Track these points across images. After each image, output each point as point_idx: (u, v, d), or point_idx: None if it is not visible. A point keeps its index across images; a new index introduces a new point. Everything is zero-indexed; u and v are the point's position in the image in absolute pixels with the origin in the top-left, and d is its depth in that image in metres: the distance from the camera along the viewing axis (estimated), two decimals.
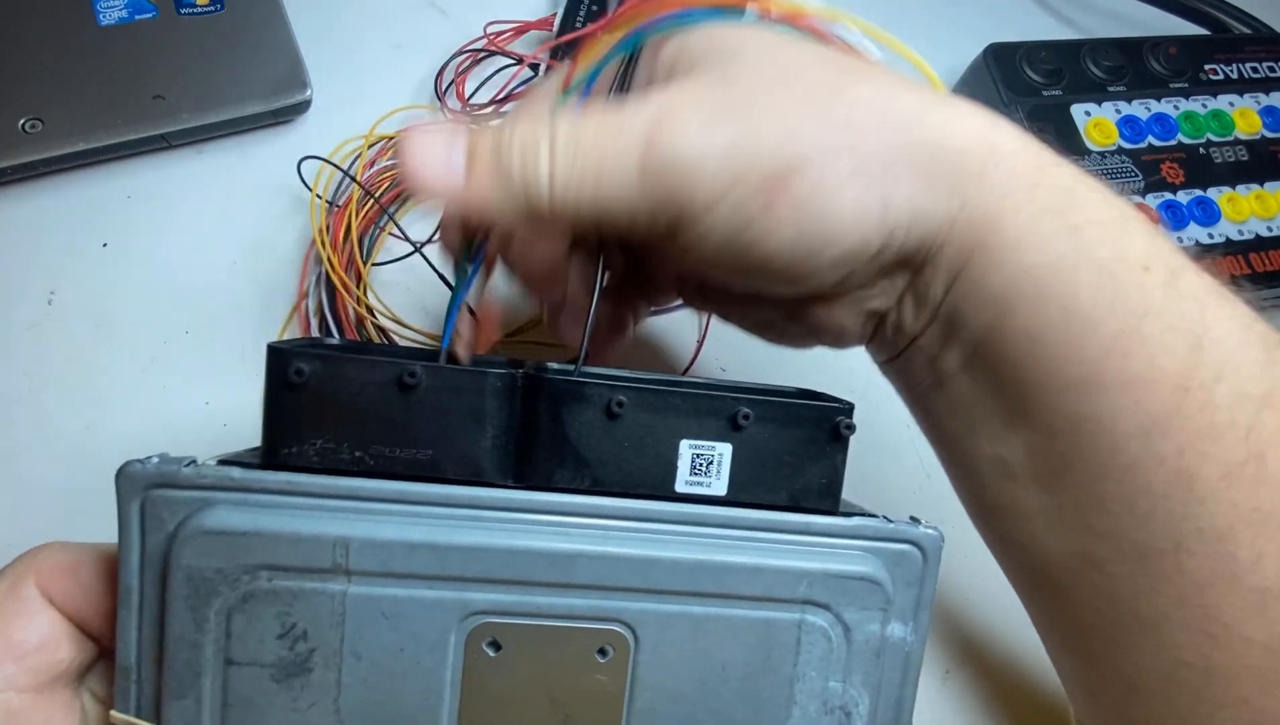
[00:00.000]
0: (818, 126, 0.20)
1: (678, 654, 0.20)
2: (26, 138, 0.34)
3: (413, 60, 0.40)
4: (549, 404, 0.20)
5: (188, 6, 0.37)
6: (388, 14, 0.42)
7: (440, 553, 0.19)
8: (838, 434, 0.21)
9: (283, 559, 0.18)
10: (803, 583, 0.20)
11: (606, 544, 0.19)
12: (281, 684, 0.19)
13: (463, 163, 0.20)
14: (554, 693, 0.19)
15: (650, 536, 0.20)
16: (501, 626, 0.19)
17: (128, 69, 0.36)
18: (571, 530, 0.19)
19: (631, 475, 0.20)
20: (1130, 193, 0.40)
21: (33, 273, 0.34)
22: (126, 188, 0.36)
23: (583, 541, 0.19)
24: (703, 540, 0.20)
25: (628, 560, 0.19)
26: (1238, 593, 0.20)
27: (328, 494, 0.19)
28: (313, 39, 0.39)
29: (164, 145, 0.36)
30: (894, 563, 0.21)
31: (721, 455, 0.20)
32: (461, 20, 0.41)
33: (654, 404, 0.20)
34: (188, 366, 0.34)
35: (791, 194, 0.20)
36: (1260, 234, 0.40)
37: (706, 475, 0.20)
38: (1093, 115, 0.41)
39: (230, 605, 0.18)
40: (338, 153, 0.36)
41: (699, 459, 0.20)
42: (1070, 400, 0.21)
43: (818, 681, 0.20)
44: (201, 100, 0.36)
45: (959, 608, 0.35)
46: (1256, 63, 0.45)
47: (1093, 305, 0.20)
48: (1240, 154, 0.42)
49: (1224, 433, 0.20)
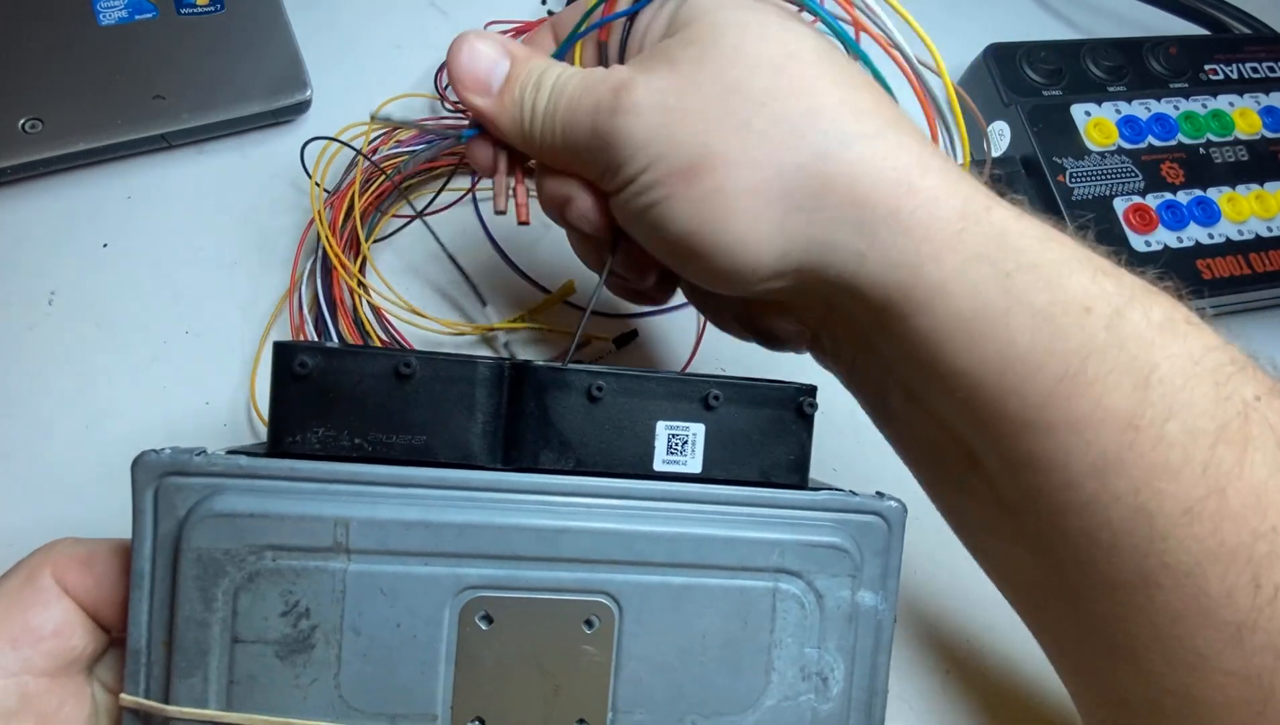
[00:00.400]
0: (733, 136, 0.21)
1: (660, 624, 0.20)
2: (26, 138, 0.34)
3: (412, 60, 0.40)
4: (534, 391, 0.21)
5: (188, 6, 0.37)
6: (387, 14, 0.42)
7: (434, 531, 0.20)
8: (802, 412, 0.22)
9: (287, 539, 0.19)
10: (775, 552, 0.21)
11: (590, 520, 0.20)
12: (285, 660, 0.19)
13: (499, 82, 0.24)
14: (544, 663, 0.20)
15: (631, 512, 0.21)
16: (493, 600, 0.20)
17: (128, 69, 0.36)
18: (558, 508, 0.20)
19: (612, 456, 0.21)
20: (1131, 193, 0.40)
21: (33, 273, 0.34)
22: (126, 188, 0.36)
23: (568, 518, 0.20)
24: (680, 515, 0.21)
25: (611, 534, 0.20)
26: (1212, 626, 0.20)
27: (329, 478, 0.20)
28: (313, 39, 0.39)
29: (164, 145, 0.36)
30: (860, 533, 0.22)
31: (695, 435, 0.22)
32: (461, 20, 0.41)
33: (632, 389, 0.21)
34: (188, 366, 0.34)
35: (694, 189, 0.21)
36: (1260, 234, 0.40)
37: (682, 454, 0.22)
38: (1093, 115, 0.41)
39: (237, 585, 0.19)
40: (343, 135, 0.36)
41: (674, 439, 0.22)
42: (1020, 440, 0.21)
43: (794, 648, 0.21)
44: (201, 100, 0.36)
45: (959, 607, 0.35)
46: (1256, 63, 0.45)
47: (1030, 350, 0.20)
48: (1240, 154, 0.42)
49: (1179, 469, 0.20)
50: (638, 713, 0.20)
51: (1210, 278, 0.39)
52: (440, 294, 0.37)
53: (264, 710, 0.19)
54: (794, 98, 0.21)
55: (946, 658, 0.34)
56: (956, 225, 0.21)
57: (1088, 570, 0.21)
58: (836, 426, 0.37)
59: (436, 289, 0.37)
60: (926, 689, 0.33)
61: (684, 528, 0.21)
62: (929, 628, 0.34)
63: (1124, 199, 0.39)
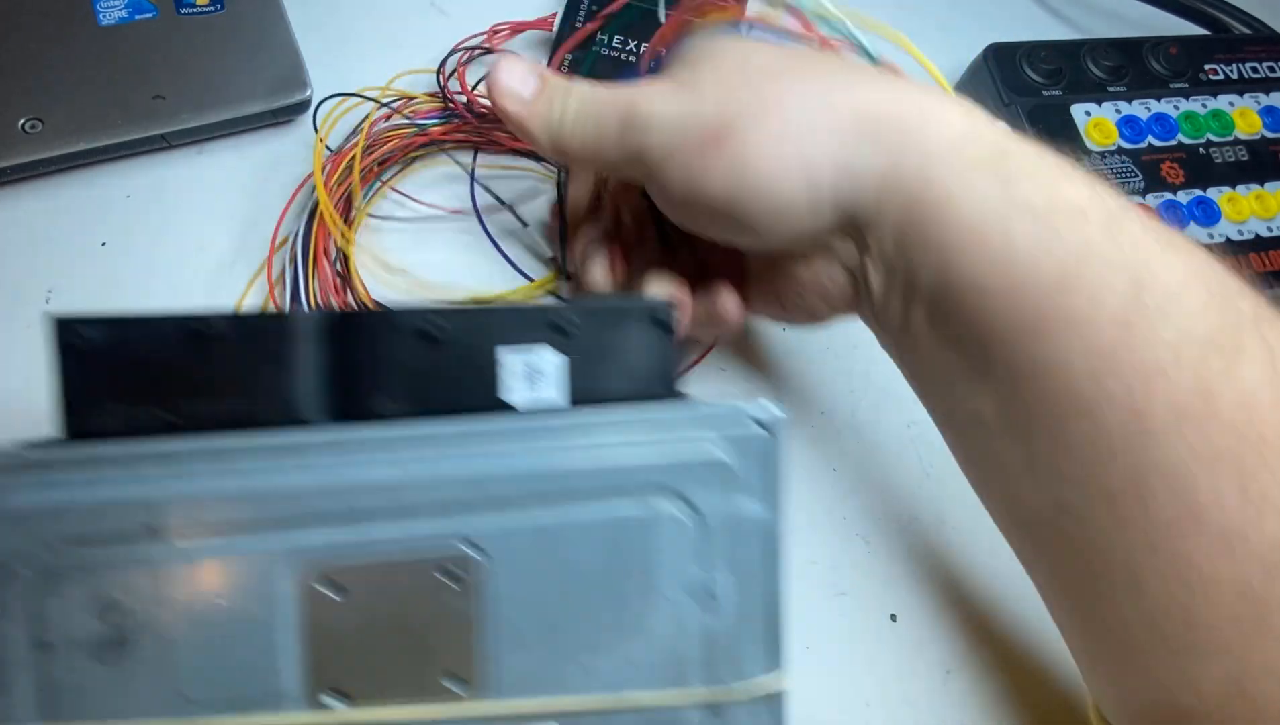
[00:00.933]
0: (751, 96, 0.24)
1: (530, 564, 0.19)
2: (26, 138, 0.34)
3: (413, 60, 0.40)
4: (367, 337, 0.19)
5: (188, 6, 0.37)
6: (388, 13, 0.42)
7: (259, 500, 0.18)
8: (659, 323, 0.21)
9: (89, 531, 0.17)
10: (646, 473, 0.20)
11: (440, 465, 0.19)
12: (105, 662, 0.18)
13: (530, 93, 0.27)
14: (407, 624, 0.19)
15: (485, 453, 0.19)
16: (340, 567, 0.18)
17: (128, 69, 0.36)
18: (401, 457, 0.19)
19: (460, 396, 0.20)
20: (1131, 193, 0.40)
21: (32, 272, 0.34)
22: (126, 188, 0.36)
23: (414, 466, 0.19)
24: (542, 447, 0.19)
25: (463, 478, 0.19)
26: (1204, 534, 0.20)
27: (134, 458, 0.18)
28: (313, 39, 0.39)
29: (164, 145, 0.36)
30: (738, 443, 0.20)
31: (550, 363, 0.20)
32: (461, 20, 0.41)
33: (475, 325, 0.20)
34: None
35: (724, 150, 0.24)
36: (1260, 234, 0.40)
37: (537, 385, 0.20)
38: (1093, 115, 0.41)
39: (35, 586, 0.17)
40: (347, 103, 0.37)
41: (528, 369, 0.20)
42: (1024, 347, 0.22)
43: (677, 568, 0.20)
44: (201, 100, 0.36)
45: (959, 607, 0.35)
46: (1256, 63, 0.45)
47: (1030, 251, 0.22)
48: (1240, 154, 0.42)
49: (1169, 370, 0.20)
50: (515, 659, 0.19)
51: None
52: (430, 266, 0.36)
53: (89, 717, 0.17)
54: (802, 68, 0.25)
55: (947, 657, 0.34)
56: (965, 136, 0.23)
57: (1086, 483, 0.22)
58: (836, 426, 0.37)
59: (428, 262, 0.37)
60: (927, 689, 0.33)
61: (546, 461, 0.19)
62: (929, 627, 0.34)
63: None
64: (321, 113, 0.36)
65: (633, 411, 0.20)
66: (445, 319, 0.20)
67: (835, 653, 0.33)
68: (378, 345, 0.19)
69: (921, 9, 0.48)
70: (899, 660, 0.34)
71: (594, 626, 0.20)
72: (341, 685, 0.18)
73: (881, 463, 0.37)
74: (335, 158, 0.35)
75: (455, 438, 0.19)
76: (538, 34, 0.42)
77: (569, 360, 0.20)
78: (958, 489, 0.37)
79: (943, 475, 0.37)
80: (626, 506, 0.20)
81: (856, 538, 0.35)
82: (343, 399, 0.19)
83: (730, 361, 0.37)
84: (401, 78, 0.39)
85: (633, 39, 0.40)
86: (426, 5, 0.42)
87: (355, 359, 0.19)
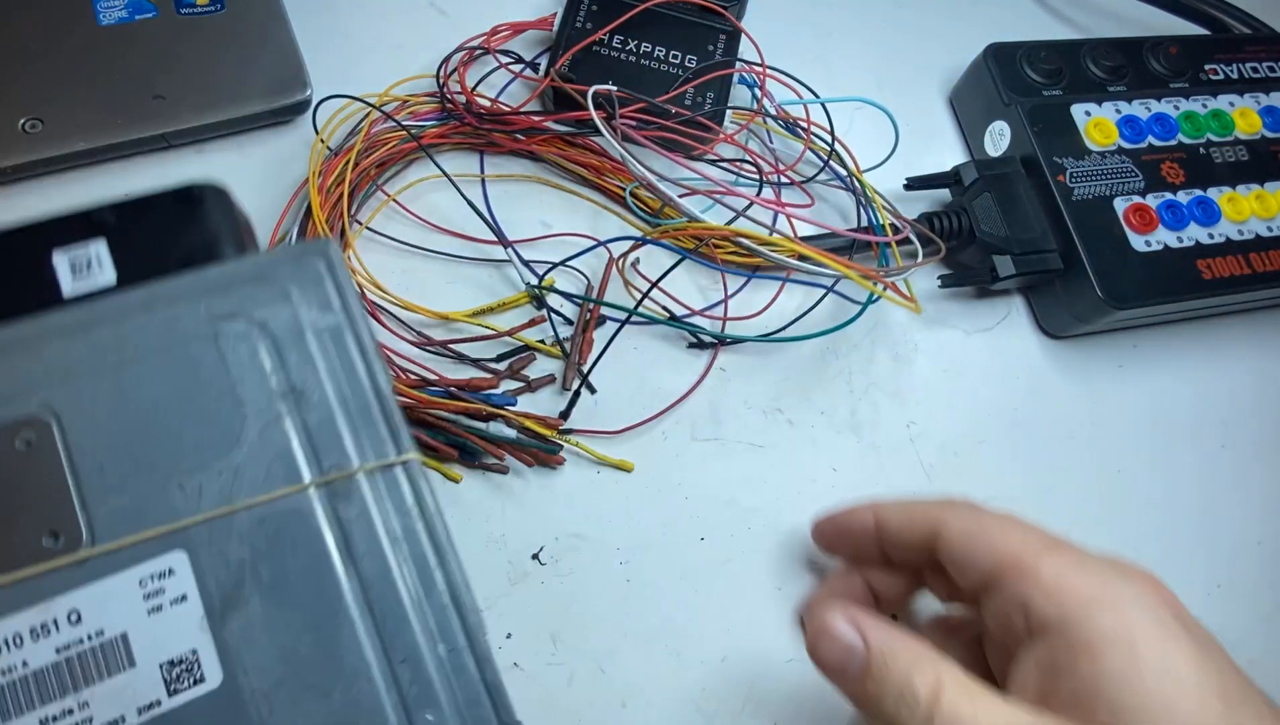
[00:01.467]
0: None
1: (106, 414, 0.20)
2: (26, 138, 0.34)
3: (413, 59, 0.40)
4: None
5: (188, 6, 0.37)
6: (388, 13, 0.42)
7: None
8: (193, 199, 0.23)
9: None
10: (203, 307, 0.22)
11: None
12: None
13: (859, 665, 0.23)
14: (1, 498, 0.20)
15: (43, 337, 0.21)
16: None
17: (128, 69, 0.36)
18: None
19: (11, 301, 0.21)
20: (1131, 193, 0.40)
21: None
22: (126, 187, 0.36)
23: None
24: (98, 319, 0.21)
25: (16, 364, 0.20)
26: None
27: None
28: (313, 38, 0.39)
29: (164, 145, 0.36)
30: (295, 270, 0.22)
31: (98, 252, 0.22)
32: (461, 20, 0.41)
33: (19, 238, 0.22)
34: None
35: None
36: (1260, 234, 0.40)
37: (89, 275, 0.22)
38: (1093, 115, 0.41)
39: None
40: (350, 106, 0.37)
41: (76, 263, 0.22)
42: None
43: (257, 378, 0.21)
44: (201, 100, 0.36)
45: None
46: (1257, 63, 0.45)
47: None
48: (1240, 154, 0.42)
49: None
50: (113, 500, 0.20)
51: (1210, 278, 0.39)
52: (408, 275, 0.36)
53: None
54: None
55: None
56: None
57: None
58: (836, 426, 0.37)
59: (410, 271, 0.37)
60: None
61: (101, 327, 0.21)
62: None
63: (1124, 199, 0.39)
64: (322, 114, 0.36)
65: (187, 273, 0.22)
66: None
67: None
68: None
69: (922, 9, 0.48)
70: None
71: (189, 449, 0.21)
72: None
73: (880, 463, 0.37)
74: (329, 163, 0.35)
75: (15, 337, 0.21)
76: (538, 34, 0.42)
77: (113, 241, 0.23)
78: (957, 489, 0.37)
79: (942, 476, 0.37)
80: (193, 338, 0.21)
81: None
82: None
83: (730, 361, 0.37)
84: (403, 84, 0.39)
85: (633, 39, 0.40)
86: (426, 5, 0.42)
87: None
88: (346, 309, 0.23)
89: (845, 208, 0.42)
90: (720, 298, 0.38)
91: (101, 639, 0.19)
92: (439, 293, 0.36)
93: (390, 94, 0.38)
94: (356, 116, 0.37)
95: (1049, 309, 0.40)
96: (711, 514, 0.34)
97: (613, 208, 0.39)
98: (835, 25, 0.47)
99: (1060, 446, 0.39)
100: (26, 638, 0.19)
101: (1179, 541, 0.38)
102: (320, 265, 0.23)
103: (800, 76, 0.40)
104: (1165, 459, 0.39)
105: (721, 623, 0.33)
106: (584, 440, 0.34)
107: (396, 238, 0.36)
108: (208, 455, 0.21)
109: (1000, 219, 0.39)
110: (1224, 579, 0.37)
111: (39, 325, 0.21)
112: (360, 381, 0.22)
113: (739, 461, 0.36)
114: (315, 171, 0.35)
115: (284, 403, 0.21)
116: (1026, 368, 0.40)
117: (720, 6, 0.41)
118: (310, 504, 0.21)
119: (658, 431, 0.35)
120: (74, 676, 0.19)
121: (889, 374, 0.39)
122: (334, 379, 0.22)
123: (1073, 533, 0.25)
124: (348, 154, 0.35)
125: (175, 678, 0.19)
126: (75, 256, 0.22)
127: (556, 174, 0.39)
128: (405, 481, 0.22)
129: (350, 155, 0.35)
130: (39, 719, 0.19)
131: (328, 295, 0.23)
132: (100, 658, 0.19)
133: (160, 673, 0.19)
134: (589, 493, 0.34)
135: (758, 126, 0.41)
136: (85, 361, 0.21)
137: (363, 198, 0.36)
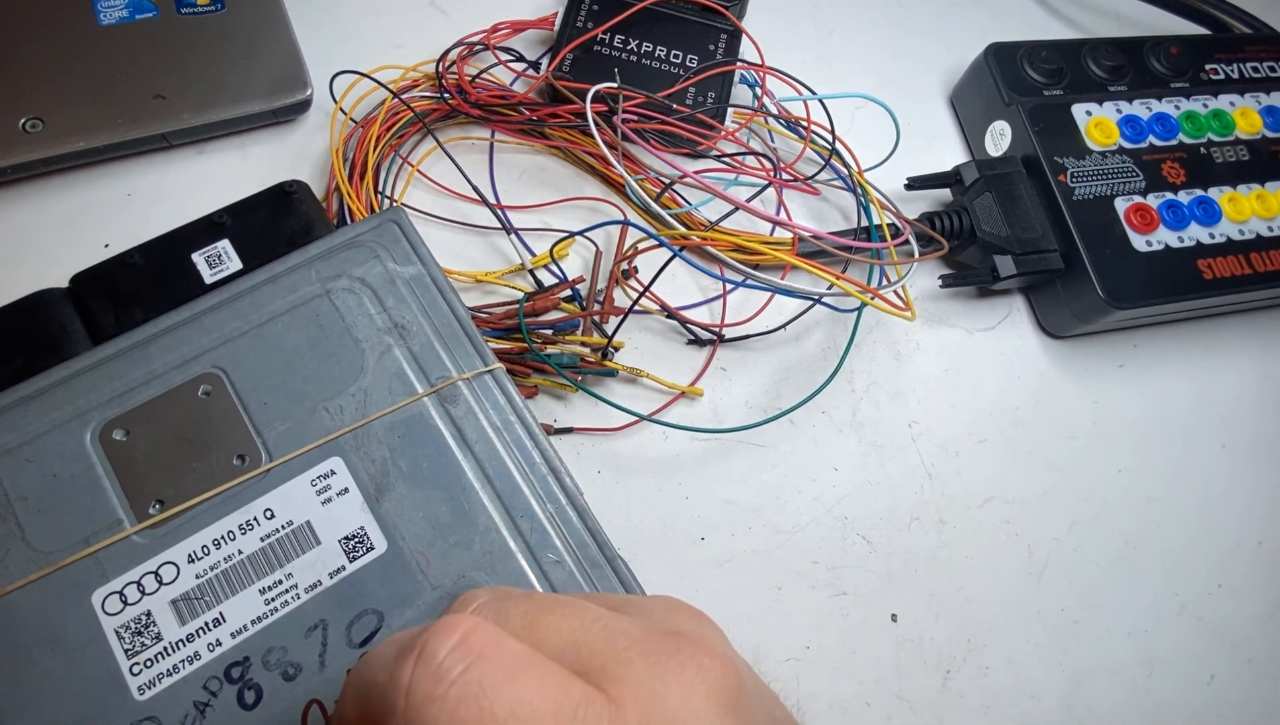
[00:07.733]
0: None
1: (260, 362, 0.26)
2: (26, 138, 0.34)
3: (413, 59, 0.40)
4: (93, 292, 0.28)
5: (188, 6, 0.37)
6: (388, 13, 0.42)
7: (51, 405, 0.25)
8: (286, 193, 0.30)
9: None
10: (313, 272, 0.28)
11: (169, 333, 0.27)
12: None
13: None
14: (185, 435, 0.25)
15: (201, 314, 0.27)
16: (119, 417, 0.25)
17: (128, 69, 0.36)
18: (143, 343, 0.26)
19: (171, 296, 0.27)
20: (1132, 193, 0.40)
21: (33, 272, 0.34)
22: (126, 187, 0.36)
23: (150, 340, 0.26)
24: (238, 295, 0.27)
25: (186, 333, 0.27)
26: None
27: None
28: (313, 38, 0.39)
29: (164, 145, 0.36)
30: (377, 235, 0.28)
31: (223, 247, 0.29)
32: (462, 20, 0.41)
33: (160, 248, 0.29)
34: None
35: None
36: (1261, 234, 0.40)
37: (222, 265, 0.28)
38: (1093, 115, 0.41)
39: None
40: (345, 108, 0.36)
41: (211, 258, 0.29)
42: None
43: (366, 320, 0.27)
44: (201, 100, 0.36)
45: (959, 607, 0.35)
46: (1257, 62, 0.45)
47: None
48: (1241, 154, 0.42)
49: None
50: (278, 425, 0.26)
51: (1211, 278, 0.39)
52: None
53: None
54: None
55: (947, 657, 0.34)
56: None
57: None
58: (837, 425, 0.37)
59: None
60: (927, 689, 0.33)
61: (245, 299, 0.27)
62: (929, 627, 0.34)
63: (1125, 199, 0.39)
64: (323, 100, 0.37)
65: (293, 252, 0.28)
66: (137, 255, 0.28)
67: (835, 653, 0.33)
68: (97, 295, 0.28)
69: (922, 9, 0.48)
70: (899, 660, 0.34)
71: (325, 382, 0.26)
72: (158, 495, 0.25)
73: (881, 463, 0.37)
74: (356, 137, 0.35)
75: (178, 319, 0.27)
76: (539, 34, 0.42)
77: (233, 237, 0.29)
78: (958, 489, 0.37)
79: (943, 475, 0.37)
80: (311, 298, 0.27)
81: (857, 538, 0.35)
82: (93, 332, 0.27)
83: (730, 361, 0.37)
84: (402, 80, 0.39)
85: (634, 38, 0.40)
86: (427, 4, 0.42)
87: (90, 307, 0.27)
88: (423, 259, 0.28)
89: (846, 207, 0.42)
90: (718, 294, 0.38)
91: (292, 527, 0.25)
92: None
93: (406, 76, 0.38)
94: (359, 112, 0.37)
95: (1050, 309, 0.40)
96: (711, 514, 0.34)
97: (613, 200, 0.39)
98: (836, 25, 0.47)
99: (1061, 446, 0.39)
100: (238, 533, 0.25)
101: (1179, 541, 0.38)
102: (395, 229, 0.29)
103: (801, 76, 0.40)
104: (1165, 459, 0.39)
105: (721, 622, 0.33)
106: (587, 434, 0.34)
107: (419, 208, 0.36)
108: (341, 383, 0.26)
109: (1001, 219, 0.39)
110: (1224, 579, 0.37)
111: (194, 307, 0.27)
112: (444, 313, 0.28)
113: (739, 461, 0.36)
114: (338, 147, 0.37)
115: (391, 336, 0.27)
116: (1027, 367, 0.40)
117: (721, 6, 0.41)
118: (426, 408, 0.26)
119: (658, 430, 0.35)
120: (278, 556, 0.24)
121: (890, 373, 0.39)
122: (425, 314, 0.28)
123: (1073, 533, 0.25)
124: (370, 125, 0.36)
125: (352, 548, 0.25)
126: (208, 254, 0.29)
127: (563, 158, 0.39)
128: (495, 385, 0.27)
129: (374, 128, 0.36)
130: (259, 589, 0.24)
131: (406, 251, 0.28)
132: (294, 540, 0.25)
133: (340, 546, 0.25)
134: (588, 493, 0.34)
135: (759, 126, 0.41)
136: (235, 327, 0.27)
137: (386, 173, 0.37)
